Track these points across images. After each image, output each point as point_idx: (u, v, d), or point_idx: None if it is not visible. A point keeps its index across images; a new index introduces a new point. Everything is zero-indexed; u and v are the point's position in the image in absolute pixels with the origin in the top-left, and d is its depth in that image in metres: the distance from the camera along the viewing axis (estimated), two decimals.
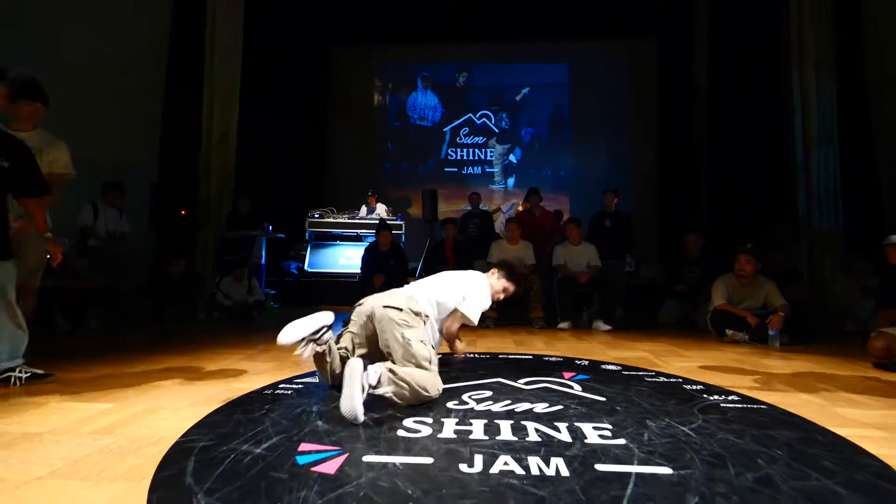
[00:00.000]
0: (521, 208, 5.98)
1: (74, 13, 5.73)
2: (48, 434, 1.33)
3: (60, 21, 5.68)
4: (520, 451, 1.24)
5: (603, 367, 2.39)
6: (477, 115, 8.36)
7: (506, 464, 1.15)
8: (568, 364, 2.44)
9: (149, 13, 6.16)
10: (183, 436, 1.32)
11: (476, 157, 8.34)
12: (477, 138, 8.35)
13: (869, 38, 5.34)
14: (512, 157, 8.32)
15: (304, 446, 1.25)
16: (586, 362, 2.50)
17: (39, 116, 2.38)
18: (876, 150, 5.19)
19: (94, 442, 1.27)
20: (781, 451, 1.25)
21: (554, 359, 2.60)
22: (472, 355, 2.65)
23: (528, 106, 8.33)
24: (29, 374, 1.94)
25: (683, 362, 2.55)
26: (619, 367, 2.37)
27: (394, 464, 1.15)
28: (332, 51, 8.17)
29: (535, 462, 1.16)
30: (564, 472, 1.11)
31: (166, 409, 1.59)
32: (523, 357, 2.66)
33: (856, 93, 5.30)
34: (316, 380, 2.03)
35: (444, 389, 1.86)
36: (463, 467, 1.13)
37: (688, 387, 1.98)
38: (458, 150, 8.37)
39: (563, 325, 4.03)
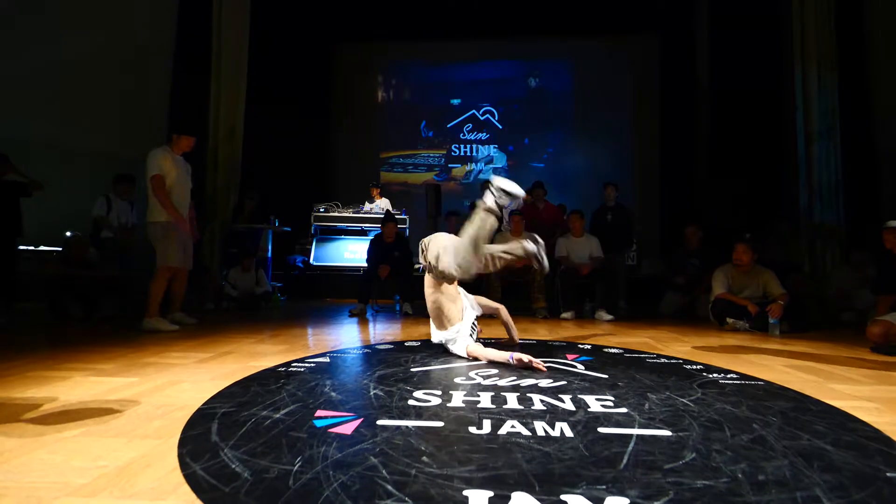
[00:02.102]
0: (523, 201, 6.01)
1: (84, 11, 5.81)
2: (77, 402, 1.40)
3: (69, 19, 5.76)
4: (526, 417, 1.30)
5: (605, 350, 2.45)
6: (480, 112, 8.42)
7: (513, 427, 1.21)
8: (571, 347, 2.51)
9: (156, 9, 6.25)
10: (205, 403, 1.39)
11: (479, 154, 8.40)
12: (480, 134, 8.41)
13: (870, 33, 5.37)
14: (513, 153, 8.37)
15: (320, 412, 1.32)
16: (589, 346, 2.56)
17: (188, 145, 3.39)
18: (877, 145, 5.22)
19: (122, 408, 1.34)
20: (776, 418, 1.31)
21: (557, 343, 2.67)
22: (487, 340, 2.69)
23: (531, 102, 8.38)
24: None
25: (684, 346, 2.61)
26: (621, 351, 2.43)
27: (406, 426, 1.21)
28: (336, 47, 8.23)
29: (540, 426, 1.22)
30: (569, 433, 1.17)
31: (186, 382, 1.66)
32: (527, 341, 2.72)
33: (857, 87, 5.34)
34: (327, 359, 2.09)
35: (450, 368, 1.93)
36: (472, 430, 1.19)
37: (688, 366, 2.03)
38: (462, 146, 8.42)
39: (565, 315, 4.09)
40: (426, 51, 8.40)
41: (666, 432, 1.18)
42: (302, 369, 1.89)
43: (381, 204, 6.48)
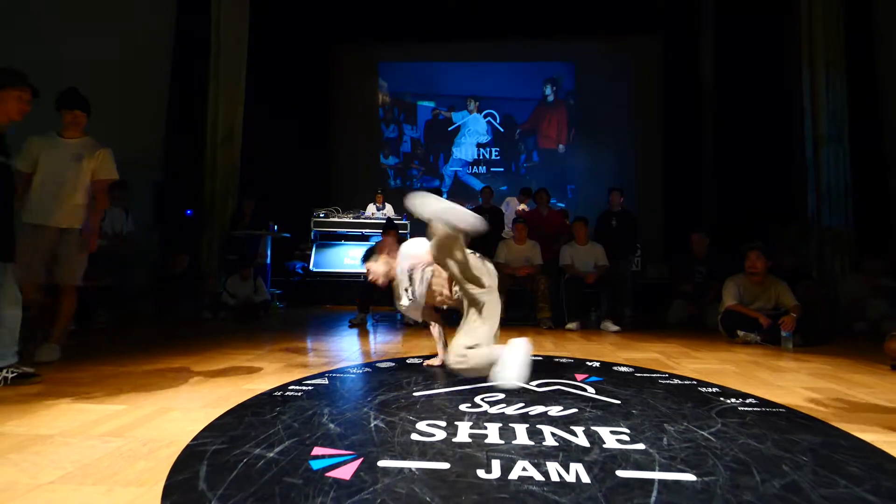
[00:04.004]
0: (521, 207, 5.91)
1: (80, 12, 5.74)
2: (58, 436, 1.31)
3: (66, 20, 5.68)
4: (537, 455, 1.21)
5: (615, 368, 2.36)
6: (482, 114, 8.33)
7: (524, 469, 1.13)
8: (579, 365, 2.42)
9: (154, 12, 6.16)
10: (194, 439, 1.30)
11: (481, 157, 8.31)
12: (481, 137, 8.32)
13: (880, 35, 5.27)
14: (515, 156, 8.29)
15: (317, 450, 1.23)
16: (598, 364, 2.47)
17: (82, 124, 2.61)
18: (886, 148, 5.13)
19: (105, 445, 1.26)
20: (806, 457, 1.22)
21: (565, 360, 2.58)
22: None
23: (533, 104, 8.29)
24: (16, 374, 1.92)
25: (696, 364, 2.52)
26: (631, 369, 2.34)
27: (410, 469, 1.12)
28: (335, 50, 8.16)
29: (553, 468, 1.14)
30: (585, 478, 1.08)
31: (177, 410, 1.57)
32: (533, 358, 2.61)
33: (866, 90, 5.24)
34: (325, 381, 2.01)
35: (455, 391, 1.85)
36: (480, 473, 1.10)
37: (703, 389, 1.94)
38: (464, 149, 8.34)
39: (571, 325, 4.00)
40: (427, 53, 8.33)
41: (690, 476, 1.10)
42: (299, 393, 1.80)
43: (387, 209, 6.40)
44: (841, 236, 5.10)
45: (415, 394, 1.81)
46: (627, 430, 1.41)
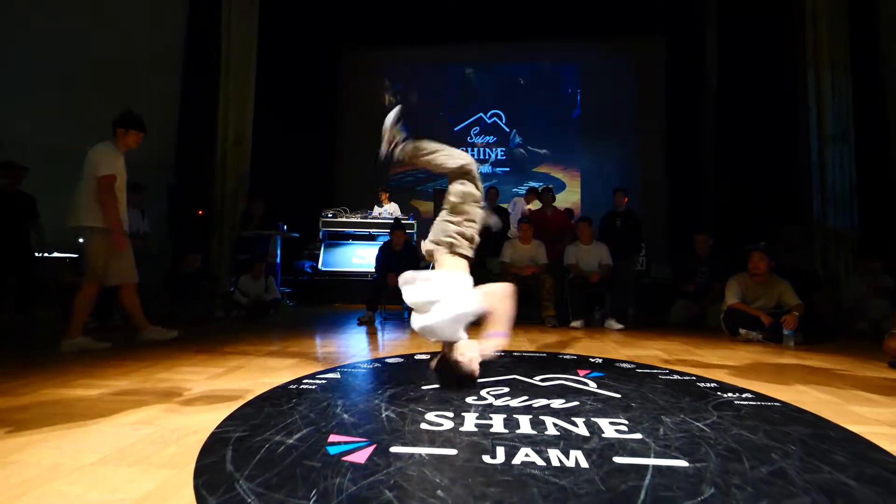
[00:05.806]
0: (528, 208, 5.98)
1: (92, 16, 5.87)
2: (93, 424, 1.41)
3: (77, 24, 5.82)
4: (539, 443, 1.29)
5: (617, 364, 2.43)
6: (487, 115, 8.41)
7: (527, 455, 1.20)
8: (582, 362, 2.49)
9: (165, 16, 6.29)
10: (218, 427, 1.39)
11: (486, 157, 8.38)
12: (487, 138, 8.40)
13: (885, 35, 5.28)
14: (521, 157, 8.35)
15: (333, 437, 1.32)
16: (600, 360, 2.54)
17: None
18: (891, 149, 5.13)
19: (137, 432, 1.35)
20: (795, 447, 1.29)
21: (568, 356, 2.65)
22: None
23: (538, 105, 8.35)
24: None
25: (696, 360, 2.58)
26: (632, 365, 2.41)
27: (420, 454, 1.21)
28: (342, 52, 8.28)
29: (554, 454, 1.21)
30: (584, 463, 1.16)
31: (199, 401, 1.66)
32: (538, 355, 2.70)
33: (871, 90, 5.25)
34: (337, 375, 2.10)
35: (462, 386, 1.92)
36: (486, 458, 1.18)
37: (701, 384, 2.01)
38: (468, 149, 8.41)
39: (575, 323, 4.06)
40: (432, 54, 8.42)
41: (683, 463, 1.17)
42: (313, 387, 1.89)
43: (390, 209, 6.49)
44: (846, 237, 5.12)
45: (423, 387, 1.89)
46: (626, 422, 1.48)
